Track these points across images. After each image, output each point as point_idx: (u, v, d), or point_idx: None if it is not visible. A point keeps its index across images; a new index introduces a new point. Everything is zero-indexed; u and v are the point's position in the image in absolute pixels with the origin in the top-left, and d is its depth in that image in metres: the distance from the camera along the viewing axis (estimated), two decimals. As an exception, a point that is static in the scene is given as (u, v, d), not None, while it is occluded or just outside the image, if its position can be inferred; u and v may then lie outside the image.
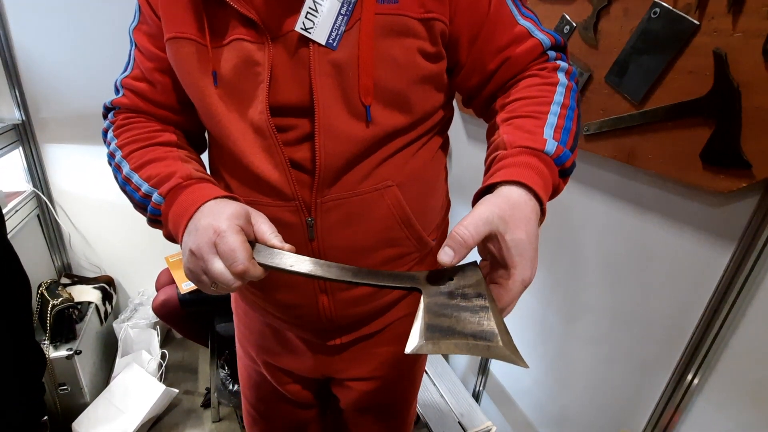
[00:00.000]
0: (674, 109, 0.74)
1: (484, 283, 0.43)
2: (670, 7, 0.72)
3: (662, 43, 0.74)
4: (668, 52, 0.73)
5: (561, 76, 0.56)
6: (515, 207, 0.43)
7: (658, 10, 0.74)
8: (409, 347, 0.39)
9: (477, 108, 0.65)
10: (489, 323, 0.40)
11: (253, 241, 0.50)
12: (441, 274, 0.45)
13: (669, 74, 0.74)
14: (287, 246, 0.49)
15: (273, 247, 0.49)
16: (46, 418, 0.83)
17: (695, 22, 0.69)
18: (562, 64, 0.58)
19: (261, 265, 0.48)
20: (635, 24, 0.78)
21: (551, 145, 0.48)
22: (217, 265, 0.46)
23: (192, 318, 1.55)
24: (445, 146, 0.69)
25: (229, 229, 0.46)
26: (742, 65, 0.64)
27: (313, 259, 0.48)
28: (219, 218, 0.47)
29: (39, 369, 0.78)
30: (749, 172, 0.65)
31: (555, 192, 0.50)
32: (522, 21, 0.57)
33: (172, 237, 0.54)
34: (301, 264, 0.48)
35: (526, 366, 0.39)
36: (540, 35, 0.57)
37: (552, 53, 0.58)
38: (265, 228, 0.50)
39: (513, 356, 0.38)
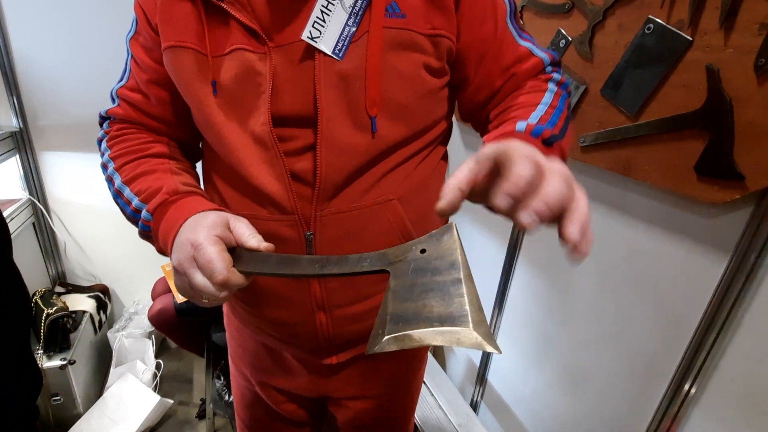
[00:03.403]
0: (669, 122, 0.75)
1: (460, 249, 0.40)
2: (664, 23, 0.74)
3: (656, 57, 0.76)
4: (662, 67, 0.75)
5: (551, 85, 0.59)
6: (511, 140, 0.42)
7: (651, 25, 0.76)
8: (371, 347, 0.36)
9: (477, 123, 0.67)
10: (459, 301, 0.35)
11: (234, 248, 0.49)
12: (413, 246, 0.42)
13: (663, 88, 0.76)
14: (264, 245, 0.48)
15: (251, 248, 0.48)
16: None
17: (688, 37, 0.70)
18: (555, 75, 0.61)
19: (241, 272, 0.47)
20: (630, 39, 0.80)
21: (521, 125, 0.50)
22: (199, 278, 0.46)
23: (188, 327, 1.53)
24: (445, 159, 0.69)
25: (205, 240, 0.46)
26: (734, 80, 0.66)
27: (284, 255, 0.47)
28: (196, 231, 0.47)
29: (34, 391, 0.74)
30: (742, 184, 0.66)
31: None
32: (522, 42, 0.60)
33: (164, 252, 0.55)
34: (273, 265, 0.46)
35: (498, 352, 0.33)
36: (541, 53, 0.60)
37: (549, 68, 0.62)
38: (243, 229, 0.49)
39: (484, 341, 0.33)
